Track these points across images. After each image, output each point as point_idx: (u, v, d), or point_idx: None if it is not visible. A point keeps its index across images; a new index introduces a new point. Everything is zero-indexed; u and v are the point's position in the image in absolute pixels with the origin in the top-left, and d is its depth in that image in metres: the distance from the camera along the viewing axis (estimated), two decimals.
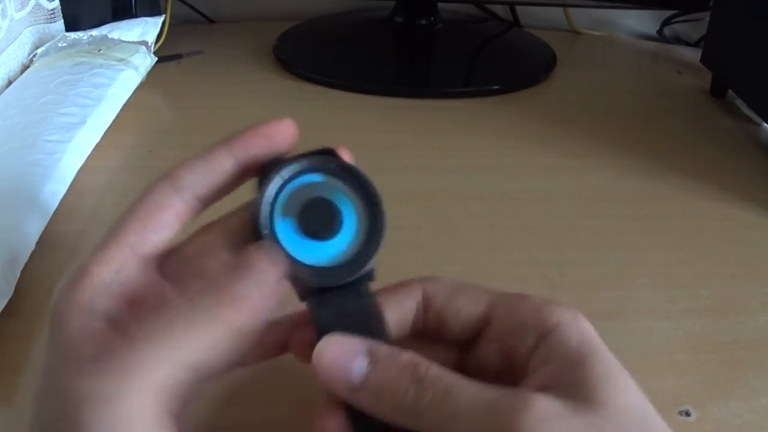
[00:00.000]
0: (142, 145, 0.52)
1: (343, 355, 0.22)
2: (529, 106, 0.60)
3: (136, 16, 0.65)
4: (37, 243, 0.38)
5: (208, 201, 0.26)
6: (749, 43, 0.55)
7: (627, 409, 0.21)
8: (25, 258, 0.37)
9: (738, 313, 0.37)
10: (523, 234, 0.43)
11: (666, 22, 0.79)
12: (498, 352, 0.25)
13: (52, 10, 0.63)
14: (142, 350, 0.20)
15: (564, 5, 0.77)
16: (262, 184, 0.25)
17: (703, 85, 0.65)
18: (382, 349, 0.22)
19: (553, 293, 0.38)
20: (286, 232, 0.24)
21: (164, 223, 0.24)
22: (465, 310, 0.25)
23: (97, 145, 0.49)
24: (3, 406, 0.30)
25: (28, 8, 0.59)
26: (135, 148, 0.51)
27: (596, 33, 0.80)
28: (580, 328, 0.23)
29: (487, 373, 0.24)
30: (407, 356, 0.22)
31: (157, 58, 0.61)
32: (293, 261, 0.24)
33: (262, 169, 0.25)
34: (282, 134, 0.26)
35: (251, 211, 0.24)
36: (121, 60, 0.57)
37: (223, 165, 0.25)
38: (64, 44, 0.58)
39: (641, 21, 0.81)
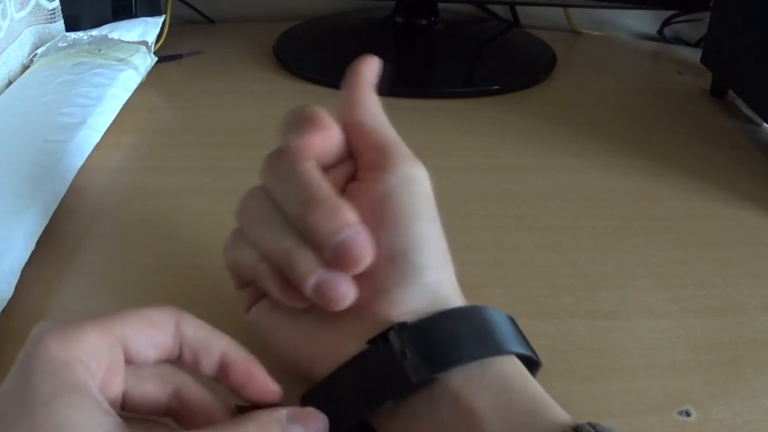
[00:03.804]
0: (142, 145, 0.52)
1: None
2: (529, 106, 0.60)
3: (136, 16, 0.65)
4: (37, 243, 0.38)
5: None
6: (749, 43, 0.55)
7: None
8: (25, 258, 0.37)
9: (738, 313, 0.37)
10: (523, 234, 0.43)
11: (666, 22, 0.79)
12: None
13: (52, 10, 0.63)
14: None
15: (564, 5, 0.77)
16: None
17: (703, 85, 0.65)
18: None
19: (553, 293, 0.38)
20: None
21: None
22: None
23: (97, 145, 0.49)
24: None
25: (28, 8, 0.59)
26: (135, 148, 0.51)
27: (596, 33, 0.80)
28: None
29: None
30: None
31: (157, 58, 0.61)
32: None
33: None
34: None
35: None
36: (121, 60, 0.57)
37: None
38: (64, 44, 0.58)
39: (641, 21, 0.81)
